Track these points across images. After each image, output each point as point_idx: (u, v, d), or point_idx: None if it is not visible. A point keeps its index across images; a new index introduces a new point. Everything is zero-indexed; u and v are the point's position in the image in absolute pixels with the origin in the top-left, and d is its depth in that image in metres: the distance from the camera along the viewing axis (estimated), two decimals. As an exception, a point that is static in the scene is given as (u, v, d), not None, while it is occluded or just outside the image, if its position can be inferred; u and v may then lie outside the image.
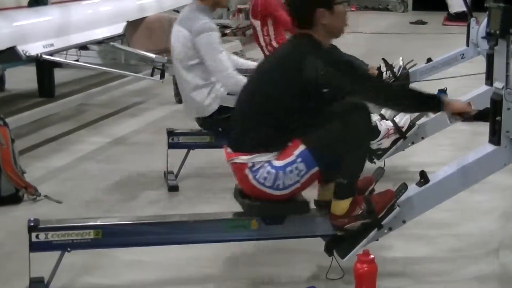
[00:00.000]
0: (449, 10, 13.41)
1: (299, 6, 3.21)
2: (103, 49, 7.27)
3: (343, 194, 3.19)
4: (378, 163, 4.46)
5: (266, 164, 3.11)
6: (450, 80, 6.12)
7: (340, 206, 3.19)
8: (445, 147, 5.42)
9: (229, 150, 3.22)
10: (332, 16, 3.17)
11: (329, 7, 3.16)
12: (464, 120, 3.31)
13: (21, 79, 7.54)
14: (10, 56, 5.39)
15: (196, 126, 4.67)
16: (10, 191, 4.30)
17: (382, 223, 3.22)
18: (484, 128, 3.53)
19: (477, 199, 4.30)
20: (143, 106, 6.97)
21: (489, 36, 3.47)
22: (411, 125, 4.58)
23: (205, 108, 4.39)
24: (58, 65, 6.80)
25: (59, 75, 7.38)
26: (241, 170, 3.16)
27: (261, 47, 6.23)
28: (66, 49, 6.40)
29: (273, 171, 3.10)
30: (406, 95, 3.29)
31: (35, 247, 3.05)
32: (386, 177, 3.60)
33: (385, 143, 4.53)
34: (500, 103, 3.25)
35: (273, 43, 6.07)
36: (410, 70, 5.90)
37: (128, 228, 3.19)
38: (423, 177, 3.29)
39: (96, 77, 7.85)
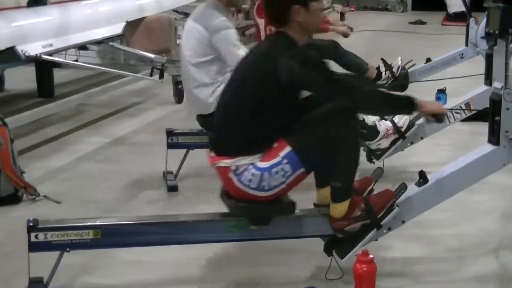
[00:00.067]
0: (448, 10, 13.41)
1: (275, 3, 3.19)
2: (102, 49, 7.26)
3: (340, 197, 3.18)
4: (377, 163, 4.46)
5: (250, 166, 3.08)
6: (449, 80, 6.12)
7: (338, 209, 3.19)
8: (444, 147, 5.42)
9: (213, 154, 3.20)
10: (308, 13, 3.15)
11: (305, 4, 3.14)
12: (438, 121, 3.31)
13: (20, 79, 7.53)
14: (10, 56, 5.38)
15: (196, 126, 4.67)
16: (9, 191, 4.29)
17: (381, 223, 3.22)
18: (483, 128, 3.53)
19: (477, 199, 4.30)
20: (143, 106, 6.96)
21: (488, 36, 3.47)
22: (410, 125, 4.57)
23: (208, 106, 4.37)
24: (58, 65, 6.78)
25: (58, 75, 7.37)
26: (225, 174, 3.14)
27: None
28: (65, 49, 6.39)
29: (258, 173, 3.08)
30: (379, 96, 3.23)
31: (34, 247, 3.05)
32: (385, 177, 3.61)
33: (384, 143, 4.53)
34: (499, 103, 3.25)
35: None
36: (409, 70, 5.90)
37: (128, 228, 3.18)
38: (422, 177, 3.29)
39: (95, 77, 7.84)
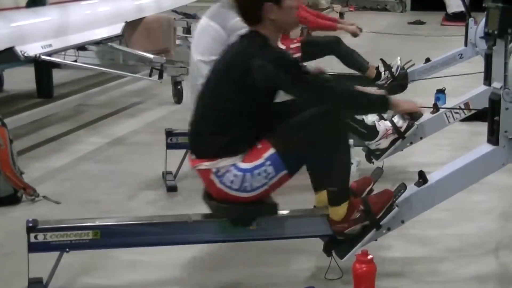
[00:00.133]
0: (447, 10, 13.43)
1: (246, 2, 3.13)
2: (102, 50, 7.26)
3: (338, 200, 3.17)
4: (377, 163, 4.45)
5: (232, 168, 3.06)
6: (449, 80, 6.13)
7: (337, 212, 3.18)
8: (444, 147, 5.42)
9: (193, 157, 3.18)
10: (281, 11, 3.10)
11: (277, 2, 3.08)
12: (414, 119, 3.29)
13: (20, 80, 7.53)
14: (9, 57, 5.38)
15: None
16: (9, 192, 4.29)
17: (381, 223, 3.21)
18: (483, 128, 3.53)
19: (476, 199, 4.30)
20: (142, 107, 6.96)
21: (487, 36, 3.48)
22: (410, 125, 4.56)
23: None
24: (57, 66, 6.78)
25: (58, 76, 7.37)
26: (207, 176, 3.12)
27: None
28: (65, 50, 6.39)
29: (240, 174, 3.06)
30: (352, 95, 3.19)
31: (34, 248, 3.04)
32: (385, 177, 3.60)
33: (384, 143, 4.52)
34: (498, 103, 3.25)
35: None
36: (409, 70, 5.92)
37: (127, 229, 3.18)
38: (422, 177, 3.29)
39: (95, 78, 7.84)
